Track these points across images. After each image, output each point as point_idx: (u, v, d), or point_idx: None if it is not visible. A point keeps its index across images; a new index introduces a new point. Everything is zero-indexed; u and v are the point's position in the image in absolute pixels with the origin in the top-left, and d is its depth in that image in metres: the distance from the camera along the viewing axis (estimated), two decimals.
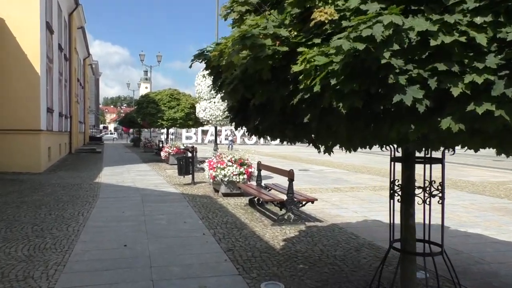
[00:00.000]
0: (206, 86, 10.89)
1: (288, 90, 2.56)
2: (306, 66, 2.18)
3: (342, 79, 2.00)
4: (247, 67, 2.62)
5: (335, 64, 2.00)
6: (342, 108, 2.07)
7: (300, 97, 2.33)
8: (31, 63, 13.54)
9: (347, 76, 1.99)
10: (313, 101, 2.34)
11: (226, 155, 9.68)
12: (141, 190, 10.26)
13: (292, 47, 2.38)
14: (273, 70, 2.60)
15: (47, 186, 10.65)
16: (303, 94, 2.30)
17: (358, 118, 2.22)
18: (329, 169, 17.38)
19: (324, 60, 2.06)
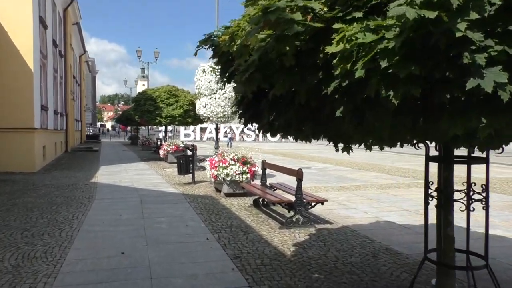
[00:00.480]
0: (206, 81, 10.44)
1: (317, 78, 2.12)
2: (345, 46, 1.75)
3: (396, 60, 1.56)
4: (267, 51, 2.18)
5: (388, 42, 1.56)
6: (394, 98, 1.64)
7: (336, 85, 1.89)
8: (23, 59, 13.04)
9: (403, 57, 1.56)
10: (351, 90, 1.90)
11: (228, 153, 9.24)
12: (139, 190, 9.82)
13: (326, 24, 1.94)
14: (297, 54, 2.17)
15: (40, 186, 10.19)
16: (339, 82, 1.87)
17: (410, 111, 1.79)
18: (332, 166, 16.97)
19: (371, 37, 1.63)
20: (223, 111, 10.53)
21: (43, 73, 15.90)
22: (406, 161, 20.10)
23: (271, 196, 6.91)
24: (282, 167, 7.35)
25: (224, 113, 10.57)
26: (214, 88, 10.48)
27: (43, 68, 15.91)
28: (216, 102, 10.46)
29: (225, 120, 10.86)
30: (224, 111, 10.55)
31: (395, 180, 12.40)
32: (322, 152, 27.46)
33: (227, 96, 10.46)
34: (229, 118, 10.79)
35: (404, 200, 8.88)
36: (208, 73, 10.45)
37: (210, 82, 10.41)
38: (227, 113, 10.58)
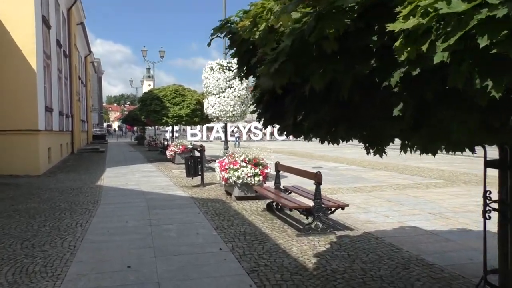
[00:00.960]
0: (214, 79, 10.01)
1: (368, 66, 1.67)
2: (419, 20, 1.29)
3: (504, 36, 1.11)
4: (303, 34, 1.73)
5: (491, 10, 1.11)
6: (494, 90, 1.18)
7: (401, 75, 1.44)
8: (26, 59, 12.70)
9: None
10: (420, 81, 1.45)
11: (239, 155, 8.80)
12: (146, 194, 9.42)
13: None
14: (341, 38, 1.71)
15: (44, 191, 9.83)
16: (406, 70, 1.42)
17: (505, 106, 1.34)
18: (344, 166, 16.47)
19: (463, 5, 1.17)
20: (232, 110, 10.10)
21: (47, 74, 15.57)
22: (419, 159, 19.52)
23: (287, 201, 6.46)
24: (299, 169, 6.89)
25: (234, 112, 10.13)
26: (223, 87, 10.04)
27: (47, 68, 15.58)
28: (225, 101, 10.03)
29: (234, 120, 10.42)
30: (234, 110, 10.12)
31: (411, 180, 11.89)
32: (332, 150, 26.96)
33: (236, 94, 10.03)
34: (238, 117, 10.36)
35: (426, 202, 8.39)
36: (216, 71, 10.03)
37: (218, 80, 9.98)
38: (236, 112, 10.15)
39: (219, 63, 10.19)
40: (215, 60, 10.37)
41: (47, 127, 14.55)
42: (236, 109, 10.12)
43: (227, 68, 10.11)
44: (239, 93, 10.06)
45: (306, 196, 6.83)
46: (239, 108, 10.17)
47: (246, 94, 10.31)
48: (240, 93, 10.10)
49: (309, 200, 6.65)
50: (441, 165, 15.76)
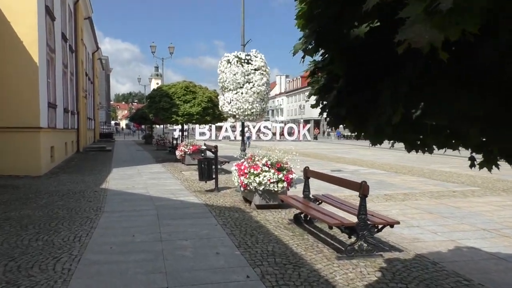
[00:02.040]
0: (231, 73, 9.03)
1: None
2: None
3: None
4: None
5: None
6: None
7: None
8: (28, 51, 11.83)
9: None
10: None
11: (259, 157, 7.83)
12: (155, 199, 8.48)
13: None
14: None
15: (43, 194, 8.93)
16: None
17: None
18: (365, 169, 15.42)
19: None
20: (251, 107, 9.13)
21: (51, 68, 14.71)
22: (441, 162, 18.43)
23: (322, 215, 5.45)
24: (336, 178, 5.86)
25: (252, 110, 9.16)
26: (241, 82, 9.08)
27: (51, 62, 14.72)
28: (243, 98, 9.06)
29: (253, 118, 9.45)
30: (252, 108, 9.15)
31: (444, 186, 10.84)
32: (348, 152, 25.89)
33: (255, 90, 9.06)
34: (257, 116, 9.38)
35: (472, 215, 7.35)
36: (233, 64, 9.06)
37: (235, 74, 9.01)
38: (255, 110, 9.17)
39: (236, 56, 9.21)
40: (232, 53, 9.40)
41: (50, 124, 13.68)
42: (255, 107, 9.14)
43: (246, 61, 9.14)
44: (258, 89, 9.09)
45: (340, 207, 5.84)
46: (258, 106, 9.19)
47: (265, 90, 9.32)
48: (260, 89, 9.12)
49: (345, 212, 5.67)
50: (466, 170, 14.68)
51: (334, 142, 47.44)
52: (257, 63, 9.26)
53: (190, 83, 17.49)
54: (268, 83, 9.52)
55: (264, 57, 9.45)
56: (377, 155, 23.06)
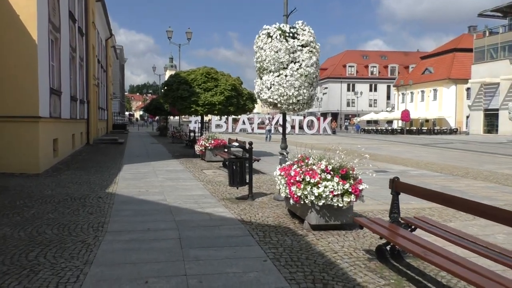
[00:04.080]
0: (272, 50, 7.02)
1: None
2: None
3: None
4: None
5: None
6: None
7: None
8: (24, 26, 9.97)
9: None
10: None
11: (315, 160, 5.84)
12: (175, 211, 6.55)
13: None
14: None
15: (35, 201, 7.08)
16: None
17: None
18: (414, 170, 13.27)
19: None
20: (297, 94, 7.11)
21: (55, 50, 12.88)
22: (491, 162, 16.11)
23: (445, 261, 3.42)
24: (463, 200, 3.78)
25: (299, 97, 7.13)
26: (285, 61, 7.05)
27: (55, 43, 12.89)
28: (288, 82, 7.04)
29: (299, 108, 7.40)
30: (299, 95, 7.12)
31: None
32: (378, 148, 23.62)
33: (303, 72, 7.03)
34: (304, 104, 7.36)
35: None
36: (276, 38, 7.05)
37: (278, 52, 7.00)
38: (302, 98, 7.14)
39: (279, 28, 7.20)
40: (274, 24, 7.39)
41: (52, 113, 11.88)
42: (302, 93, 7.13)
43: (291, 35, 7.12)
44: (307, 71, 7.07)
45: (450, 239, 3.85)
46: (306, 92, 7.18)
47: (315, 72, 7.29)
48: (308, 70, 7.11)
49: (461, 249, 3.68)
50: None
51: (356, 136, 45.08)
52: (305, 38, 7.23)
53: (211, 69, 15.51)
54: (318, 64, 7.49)
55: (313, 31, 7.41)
56: (412, 152, 20.85)
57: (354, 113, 78.82)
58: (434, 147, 26.24)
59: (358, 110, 76.43)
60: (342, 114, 79.90)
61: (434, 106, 55.89)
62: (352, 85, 79.81)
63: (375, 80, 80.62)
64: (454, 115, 53.00)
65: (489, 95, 45.09)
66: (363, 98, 77.34)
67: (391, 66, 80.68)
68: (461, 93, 52.64)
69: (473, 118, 47.18)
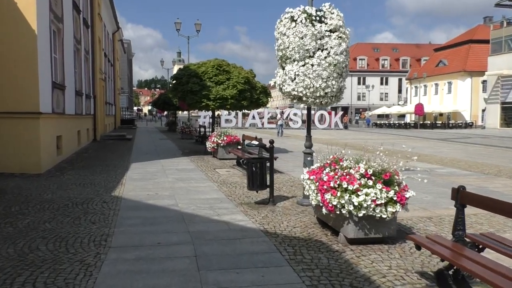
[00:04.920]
0: (297, 36, 6.18)
1: None
2: None
3: None
4: None
5: None
6: None
7: None
8: (23, 15, 9.23)
9: None
10: None
11: (352, 162, 5.01)
12: (189, 219, 5.77)
13: None
14: None
15: (32, 207, 6.35)
16: None
17: None
18: (440, 168, 12.36)
19: None
20: (324, 86, 6.26)
21: (58, 41, 12.15)
22: None
23: None
24: None
25: (327, 89, 6.28)
26: (311, 48, 6.19)
27: (58, 34, 12.15)
28: (314, 72, 6.19)
29: (327, 102, 6.54)
30: (327, 86, 6.27)
31: None
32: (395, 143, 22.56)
33: (331, 61, 6.17)
34: (333, 98, 6.50)
35: None
36: (300, 22, 6.20)
37: (303, 38, 6.15)
38: (330, 90, 6.28)
39: (305, 10, 6.35)
40: (297, 7, 6.53)
41: (55, 109, 11.16)
42: (331, 85, 6.28)
43: (318, 18, 6.28)
44: (336, 59, 6.22)
45: None
46: (335, 84, 6.33)
47: (345, 61, 6.44)
48: (337, 59, 6.26)
49: None
50: None
51: (368, 130, 44.01)
52: (333, 22, 6.37)
53: (223, 61, 14.69)
54: (348, 52, 6.62)
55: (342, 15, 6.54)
56: (433, 148, 19.89)
57: (364, 107, 77.55)
58: (453, 142, 25.19)
59: (369, 104, 75.14)
60: (353, 108, 78.64)
61: (448, 99, 54.48)
62: (363, 79, 78.42)
63: (386, 73, 79.15)
64: (469, 108, 51.55)
65: (506, 87, 43.65)
66: (374, 92, 76.04)
67: (402, 58, 79.09)
68: (477, 85, 51.18)
69: (490, 112, 45.76)
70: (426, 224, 5.82)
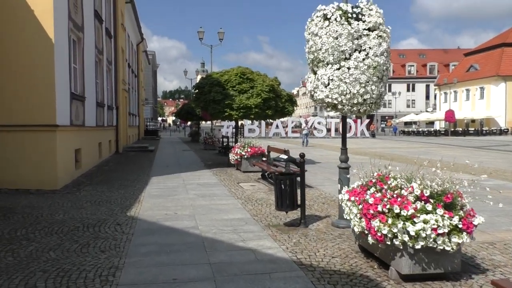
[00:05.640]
0: (331, 37, 5.45)
1: None
2: None
3: None
4: None
5: None
6: None
7: None
8: (39, 23, 8.85)
9: None
10: None
11: (403, 181, 4.19)
12: (209, 246, 5.06)
13: None
14: None
15: (40, 230, 5.78)
16: None
17: None
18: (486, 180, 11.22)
19: None
20: (363, 91, 5.45)
21: (78, 50, 11.79)
22: None
23: None
24: None
25: (366, 95, 5.47)
26: (347, 49, 5.43)
27: (78, 43, 11.80)
28: (352, 76, 5.41)
29: (366, 110, 5.72)
30: (366, 92, 5.46)
31: None
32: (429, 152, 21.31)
33: (370, 63, 5.38)
34: (372, 105, 5.69)
35: None
36: (335, 21, 5.46)
37: (338, 37, 5.41)
38: (370, 96, 5.48)
39: (339, 7, 5.62)
40: (331, 4, 5.79)
41: (74, 121, 10.75)
42: (370, 90, 5.49)
43: (354, 16, 5.53)
44: (375, 61, 5.45)
45: None
46: (374, 89, 5.54)
47: (385, 63, 5.66)
48: (377, 61, 5.49)
49: None
50: None
51: (396, 139, 42.50)
52: (372, 20, 5.60)
53: (246, 69, 14.06)
54: (389, 53, 5.82)
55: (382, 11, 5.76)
56: (471, 157, 18.59)
57: (391, 115, 75.60)
58: (490, 150, 23.72)
59: (395, 111, 73.22)
60: (378, 116, 76.81)
61: (481, 105, 52.26)
62: (389, 85, 76.53)
63: (412, 79, 77.13)
64: (504, 114, 49.19)
65: None
66: (400, 99, 74.14)
67: (430, 64, 76.92)
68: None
69: None
70: (490, 252, 4.91)
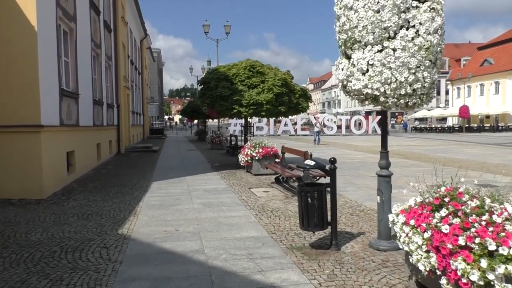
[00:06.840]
0: (371, 8, 4.23)
1: None
2: None
3: None
4: None
5: None
6: None
7: None
8: (20, 8, 7.71)
9: None
10: None
11: (478, 201, 2.97)
12: (218, 281, 3.88)
13: None
14: None
15: (6, 257, 4.63)
16: None
17: None
18: None
19: None
20: (412, 79, 4.20)
21: (70, 42, 10.66)
22: None
23: None
24: None
25: (416, 84, 4.23)
26: (392, 25, 4.20)
27: (70, 35, 10.67)
28: (398, 59, 4.16)
29: (416, 102, 4.44)
30: (416, 80, 4.22)
31: None
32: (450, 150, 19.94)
33: (421, 43, 4.13)
34: (424, 96, 4.42)
35: None
36: None
37: (380, 10, 4.19)
38: (422, 85, 4.24)
39: None
40: None
41: (65, 120, 9.62)
42: (421, 77, 4.24)
43: None
44: (428, 40, 4.21)
45: None
46: (427, 76, 4.29)
47: (439, 43, 4.44)
48: (430, 39, 4.25)
49: None
50: None
51: (409, 135, 41.00)
52: None
53: (256, 61, 12.84)
54: (444, 30, 4.58)
55: None
56: (497, 155, 17.26)
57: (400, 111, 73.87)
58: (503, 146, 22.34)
59: None
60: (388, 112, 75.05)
61: (496, 100, 50.52)
62: None
63: None
64: None
65: None
66: None
67: None
68: None
69: None
70: None
